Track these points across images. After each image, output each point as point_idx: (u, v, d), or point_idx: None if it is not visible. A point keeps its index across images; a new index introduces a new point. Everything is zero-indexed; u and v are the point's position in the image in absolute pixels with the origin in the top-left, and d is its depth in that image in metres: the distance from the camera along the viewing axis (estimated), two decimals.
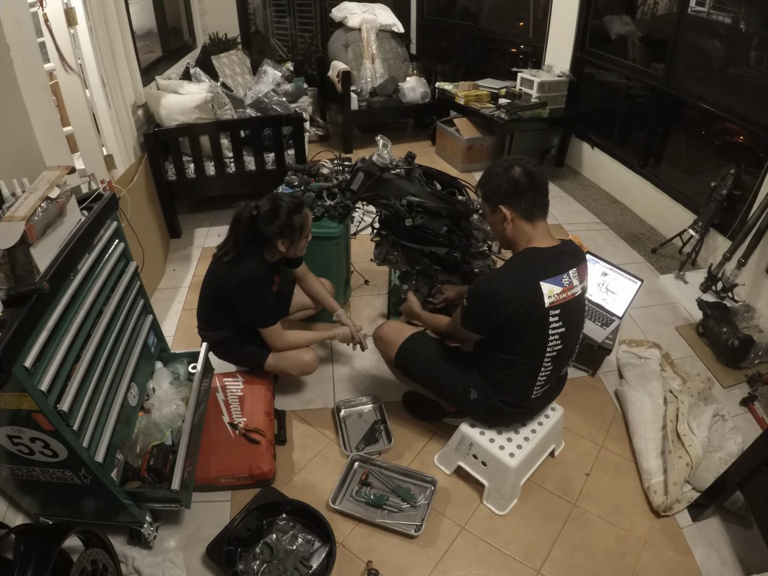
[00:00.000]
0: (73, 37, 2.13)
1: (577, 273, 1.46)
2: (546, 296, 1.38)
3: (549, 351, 1.47)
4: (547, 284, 1.39)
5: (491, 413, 1.62)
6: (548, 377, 1.55)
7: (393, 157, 2.10)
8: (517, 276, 1.42)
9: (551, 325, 1.42)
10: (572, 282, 1.44)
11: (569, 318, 1.45)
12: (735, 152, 3.01)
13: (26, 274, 1.14)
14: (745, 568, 1.56)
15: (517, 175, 1.41)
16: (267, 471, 1.69)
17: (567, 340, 1.49)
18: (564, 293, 1.42)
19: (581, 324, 1.57)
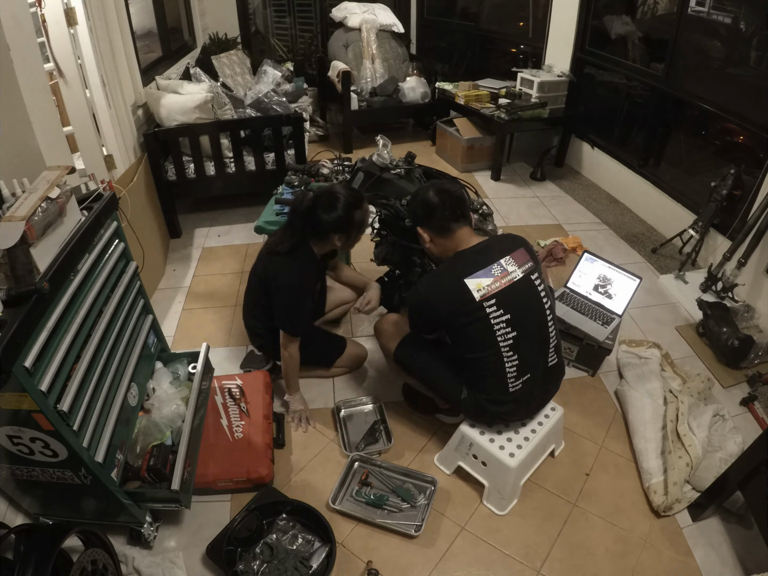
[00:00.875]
0: (73, 37, 2.13)
1: (512, 259, 1.51)
2: (474, 290, 1.45)
3: (501, 340, 1.48)
4: (473, 279, 1.45)
5: (479, 412, 1.63)
6: (519, 367, 1.53)
7: (393, 157, 2.10)
8: (441, 280, 1.54)
9: (491, 315, 1.46)
10: (506, 269, 1.49)
11: (513, 304, 1.48)
12: (735, 152, 3.01)
13: (26, 274, 1.13)
14: (745, 568, 1.56)
15: (429, 196, 1.54)
16: (265, 475, 1.68)
17: (521, 326, 1.49)
18: (497, 282, 1.47)
19: (539, 306, 1.54)
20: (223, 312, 2.58)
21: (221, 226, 3.36)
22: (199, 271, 2.91)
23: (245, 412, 1.84)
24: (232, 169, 3.10)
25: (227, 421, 1.82)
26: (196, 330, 2.47)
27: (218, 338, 2.41)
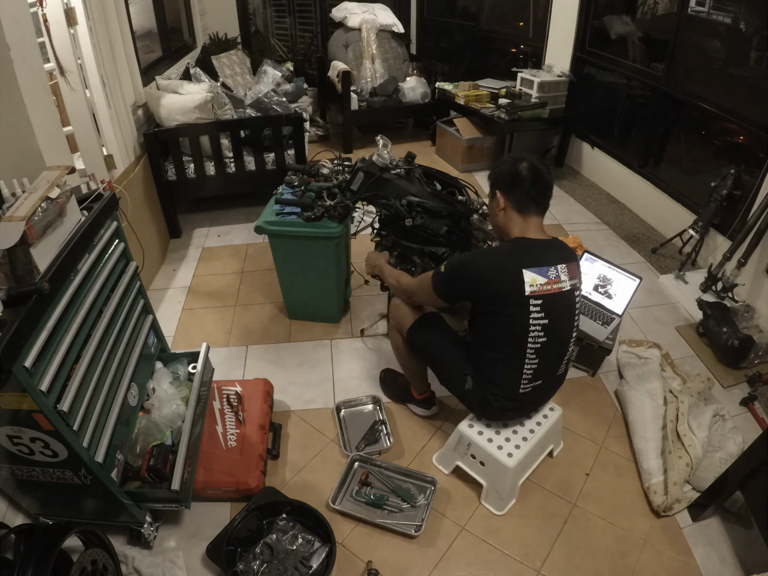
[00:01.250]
0: (73, 37, 2.14)
1: (567, 269, 1.48)
2: (527, 284, 1.41)
3: (531, 342, 1.47)
4: (530, 272, 1.42)
5: (482, 404, 1.63)
6: (535, 372, 1.52)
7: (393, 157, 2.09)
8: (501, 258, 1.49)
9: (532, 314, 1.43)
10: (560, 276, 1.46)
11: (553, 311, 1.46)
12: (735, 152, 3.01)
13: (26, 274, 1.13)
14: (745, 568, 1.56)
15: (521, 168, 1.48)
16: (254, 487, 1.66)
17: (552, 335, 1.48)
18: (549, 285, 1.43)
19: (571, 322, 1.54)
20: (223, 312, 2.58)
21: (221, 226, 3.36)
22: (199, 271, 2.91)
23: (241, 420, 1.82)
24: (232, 169, 3.10)
25: (222, 428, 1.81)
26: (196, 330, 2.47)
27: (218, 338, 2.41)
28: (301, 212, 2.24)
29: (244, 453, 1.73)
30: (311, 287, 2.36)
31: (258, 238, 3.00)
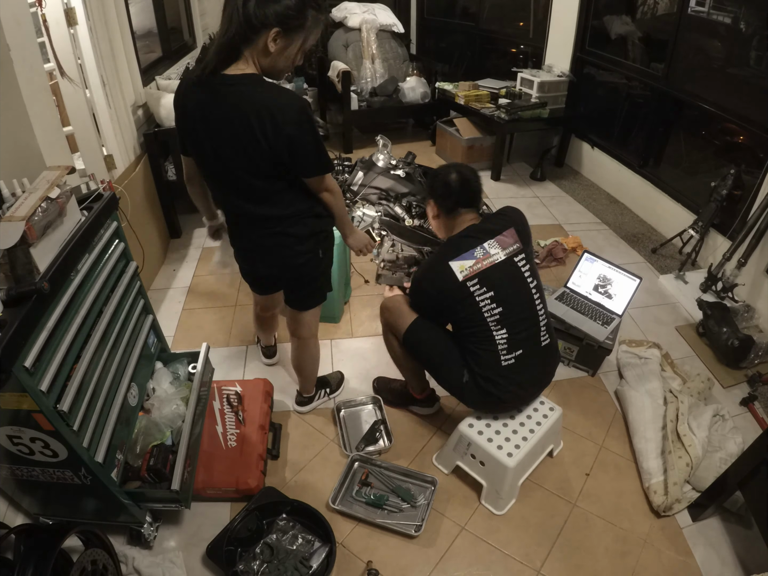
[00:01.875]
0: (73, 37, 2.14)
1: (496, 242, 1.61)
2: (458, 272, 1.56)
3: (488, 315, 1.57)
4: (455, 262, 1.58)
5: (480, 394, 1.64)
6: (509, 341, 1.59)
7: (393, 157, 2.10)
8: (432, 265, 1.69)
9: (475, 293, 1.57)
10: (488, 252, 1.59)
11: (494, 281, 1.57)
12: (735, 152, 3.01)
13: (26, 274, 1.13)
14: (745, 568, 1.56)
15: (451, 179, 1.65)
16: (254, 487, 1.66)
17: (505, 302, 1.58)
18: (479, 263, 1.58)
19: (523, 286, 1.62)
20: (223, 312, 2.58)
21: None
22: (199, 271, 2.91)
23: (241, 420, 1.82)
24: None
25: (222, 428, 1.81)
26: (196, 330, 2.47)
27: (218, 338, 2.41)
28: None
29: (244, 453, 1.73)
30: None
31: None
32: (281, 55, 1.27)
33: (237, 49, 1.25)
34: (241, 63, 1.27)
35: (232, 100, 1.26)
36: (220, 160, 1.36)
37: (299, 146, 1.29)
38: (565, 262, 2.94)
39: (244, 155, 1.31)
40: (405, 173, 2.06)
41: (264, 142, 1.27)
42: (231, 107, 1.27)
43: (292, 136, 1.26)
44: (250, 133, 1.26)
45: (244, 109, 1.25)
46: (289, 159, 1.31)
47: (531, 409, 1.75)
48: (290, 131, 1.26)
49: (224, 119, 1.28)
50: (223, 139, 1.31)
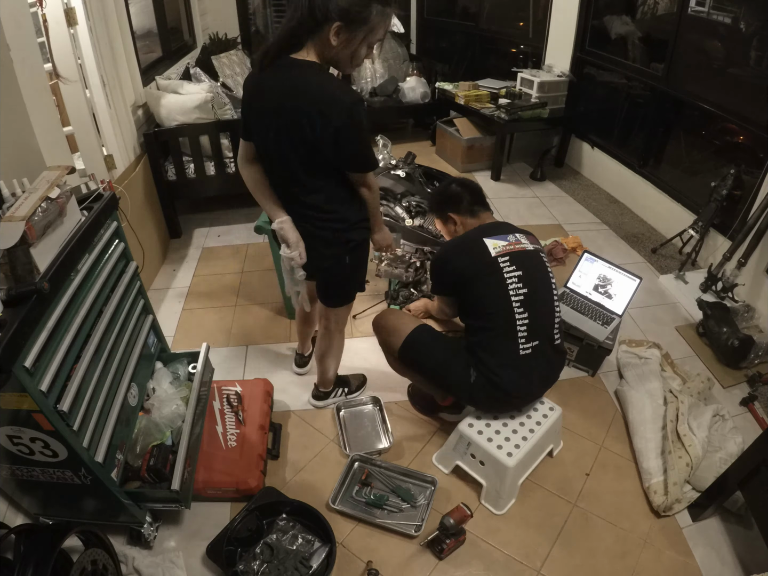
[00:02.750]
0: (73, 37, 2.14)
1: (526, 237, 1.70)
2: (491, 248, 1.61)
3: (513, 294, 1.59)
4: (490, 240, 1.63)
5: (491, 391, 1.61)
6: (529, 328, 1.59)
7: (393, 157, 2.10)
8: (463, 240, 1.72)
9: (504, 269, 1.59)
10: (519, 240, 1.67)
11: (523, 263, 1.62)
12: (735, 152, 3.01)
13: (26, 274, 1.13)
14: (745, 568, 1.56)
15: (453, 188, 1.79)
16: (254, 487, 1.66)
17: (530, 284, 1.61)
18: (511, 246, 1.64)
19: (546, 277, 1.68)
20: (223, 312, 2.58)
21: (221, 226, 3.36)
22: (199, 271, 2.91)
23: (241, 420, 1.82)
24: (232, 169, 3.10)
25: (222, 428, 1.81)
26: (196, 330, 2.47)
27: (218, 338, 2.41)
28: None
29: (244, 453, 1.73)
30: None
31: (258, 238, 3.00)
32: (345, 49, 1.26)
33: (299, 37, 1.26)
34: (303, 51, 1.27)
35: (289, 83, 1.28)
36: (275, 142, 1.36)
37: (345, 141, 1.30)
38: (565, 262, 2.94)
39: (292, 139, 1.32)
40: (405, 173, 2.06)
41: (309, 131, 1.28)
42: (289, 89, 1.28)
43: (339, 129, 1.27)
44: (298, 118, 1.28)
45: (298, 93, 1.27)
46: (334, 151, 1.31)
47: (531, 409, 1.75)
48: (337, 124, 1.26)
49: (281, 98, 1.29)
50: (279, 119, 1.32)
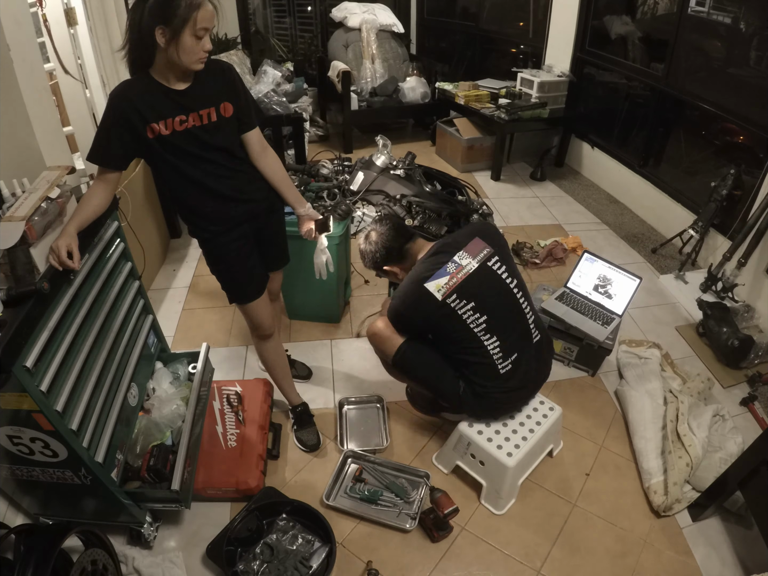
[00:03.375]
0: (73, 37, 2.14)
1: (466, 253, 1.60)
2: (435, 292, 1.55)
3: (474, 326, 1.56)
4: (431, 283, 1.56)
5: (479, 401, 1.64)
6: (502, 348, 1.58)
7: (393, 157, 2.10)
8: (407, 291, 1.63)
9: (456, 308, 1.55)
10: (460, 264, 1.58)
11: (472, 292, 1.56)
12: (735, 152, 3.01)
13: (26, 274, 1.14)
14: (745, 568, 1.56)
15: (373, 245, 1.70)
16: (254, 487, 1.66)
17: (486, 309, 1.56)
18: (453, 278, 1.56)
19: (500, 286, 1.61)
20: (223, 312, 2.58)
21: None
22: (199, 271, 2.91)
23: (241, 420, 1.82)
24: None
25: (222, 428, 1.81)
26: (196, 330, 2.47)
27: (218, 338, 2.41)
28: None
29: (244, 453, 1.73)
30: (311, 287, 2.36)
31: None
32: (171, 47, 1.23)
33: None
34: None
35: None
36: None
37: None
38: (565, 262, 2.94)
39: None
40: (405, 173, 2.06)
41: None
42: None
43: None
44: None
45: None
46: None
47: (531, 409, 1.75)
48: None
49: None
50: None
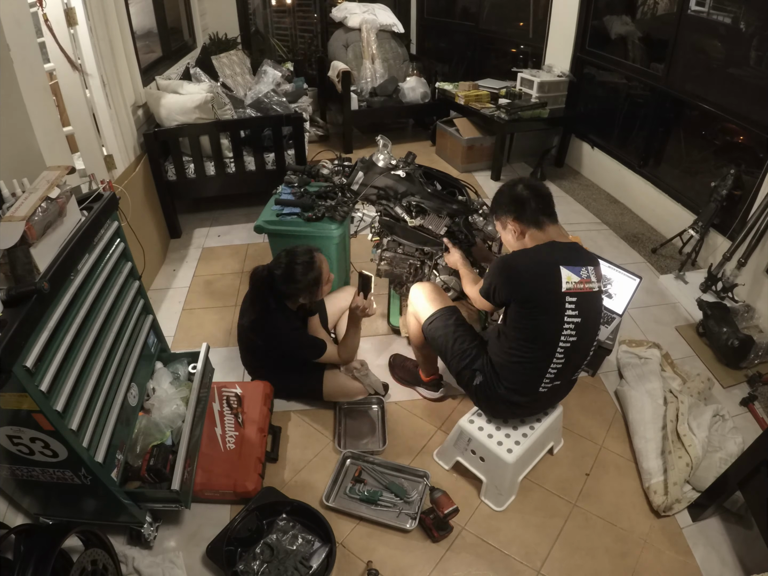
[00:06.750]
0: (73, 37, 2.14)
1: (595, 272, 1.52)
2: (564, 281, 1.44)
3: (563, 340, 1.48)
4: (566, 270, 1.45)
5: (491, 401, 1.63)
6: (559, 371, 1.53)
7: (393, 157, 2.10)
8: (538, 258, 1.50)
9: (567, 311, 1.45)
10: (590, 277, 1.50)
11: (585, 309, 1.48)
12: (735, 152, 3.01)
13: (26, 274, 1.14)
14: (745, 568, 1.56)
15: (519, 190, 1.54)
16: (252, 490, 1.65)
17: (582, 334, 1.50)
18: (582, 284, 1.47)
19: (597, 323, 1.56)
20: (223, 312, 2.58)
21: (221, 226, 3.36)
22: (199, 271, 2.91)
23: (240, 422, 1.82)
24: (232, 169, 3.10)
25: (221, 430, 1.80)
26: (196, 330, 2.47)
27: (218, 338, 2.41)
28: (302, 212, 2.24)
29: (243, 456, 1.73)
30: None
31: (258, 238, 3.00)
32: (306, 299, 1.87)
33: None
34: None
35: None
36: None
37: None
38: None
39: None
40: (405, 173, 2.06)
41: None
42: None
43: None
44: None
45: None
46: None
47: None
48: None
49: None
50: None
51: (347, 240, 2.55)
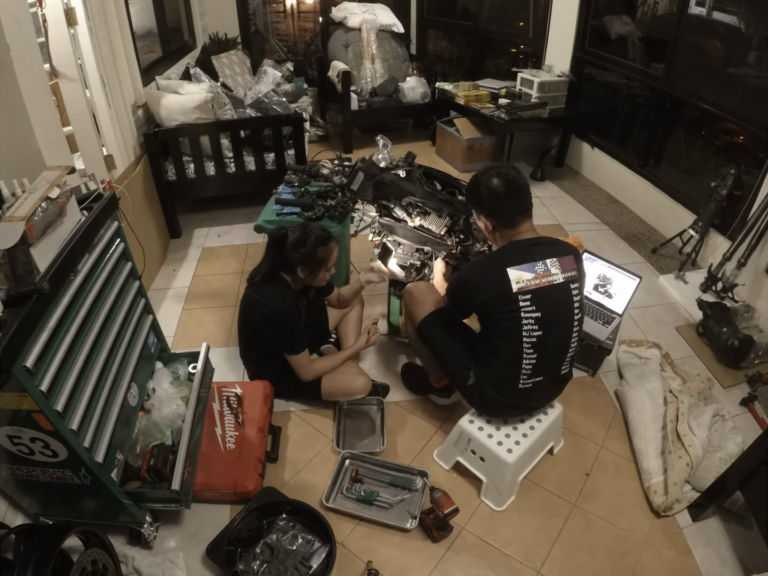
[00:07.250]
0: (73, 37, 2.14)
1: (558, 263, 1.52)
2: (513, 282, 1.47)
3: (526, 336, 1.50)
4: (514, 270, 1.47)
5: (482, 400, 1.65)
6: (535, 367, 1.55)
7: (393, 157, 2.10)
8: (487, 264, 1.58)
9: (522, 309, 1.48)
10: (549, 270, 1.50)
11: (546, 303, 1.49)
12: (735, 152, 3.01)
13: (26, 274, 1.14)
14: (745, 568, 1.56)
15: (495, 185, 1.51)
16: (252, 490, 1.65)
17: (548, 327, 1.51)
18: (537, 279, 1.48)
19: (569, 314, 1.55)
20: (223, 312, 2.58)
21: (221, 226, 3.36)
22: (199, 271, 2.91)
23: (240, 422, 1.82)
24: (232, 169, 3.10)
25: (221, 430, 1.80)
26: (196, 330, 2.47)
27: (218, 338, 2.41)
28: (302, 212, 2.24)
29: (243, 456, 1.73)
30: None
31: (258, 238, 3.00)
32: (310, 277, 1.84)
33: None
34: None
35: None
36: None
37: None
38: None
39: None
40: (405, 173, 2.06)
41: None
42: None
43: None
44: None
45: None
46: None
47: None
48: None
49: None
50: None
51: (347, 240, 2.55)
